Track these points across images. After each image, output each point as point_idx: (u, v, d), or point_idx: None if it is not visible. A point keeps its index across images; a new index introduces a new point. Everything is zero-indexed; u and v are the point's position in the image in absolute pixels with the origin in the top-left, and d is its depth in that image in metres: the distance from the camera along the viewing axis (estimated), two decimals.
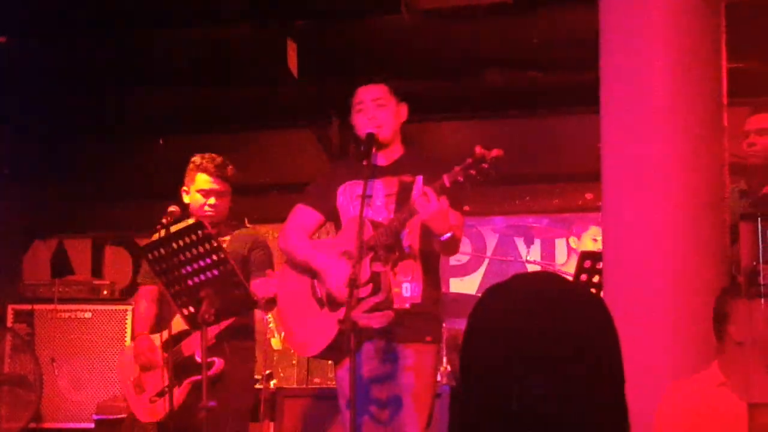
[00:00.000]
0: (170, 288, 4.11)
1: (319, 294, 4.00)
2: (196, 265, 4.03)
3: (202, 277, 4.03)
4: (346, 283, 3.63)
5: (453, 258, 6.99)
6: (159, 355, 4.59)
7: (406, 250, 3.93)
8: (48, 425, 6.68)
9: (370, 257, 3.78)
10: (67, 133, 7.35)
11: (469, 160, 3.60)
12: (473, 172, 3.59)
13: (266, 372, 5.58)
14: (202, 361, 3.96)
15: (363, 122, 4.05)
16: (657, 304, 3.83)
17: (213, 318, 3.98)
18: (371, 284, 3.74)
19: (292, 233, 4.13)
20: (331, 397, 4.43)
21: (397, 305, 3.83)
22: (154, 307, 4.79)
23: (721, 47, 4.00)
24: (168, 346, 4.47)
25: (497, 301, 1.44)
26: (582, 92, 4.45)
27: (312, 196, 4.18)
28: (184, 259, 4.04)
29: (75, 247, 8.01)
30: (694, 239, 3.86)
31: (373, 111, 4.03)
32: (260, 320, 5.15)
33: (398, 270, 3.91)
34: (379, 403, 3.93)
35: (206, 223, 4.61)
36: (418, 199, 3.70)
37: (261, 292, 4.17)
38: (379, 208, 3.97)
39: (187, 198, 4.71)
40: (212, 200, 4.65)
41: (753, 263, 3.22)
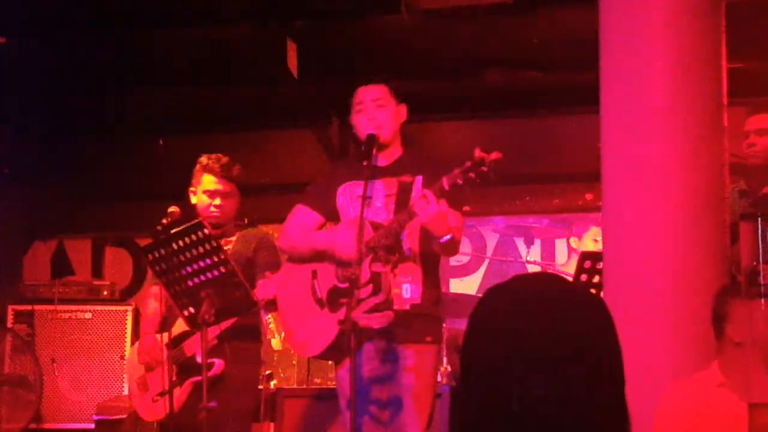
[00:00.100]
0: (170, 288, 4.11)
1: (319, 294, 4.00)
2: (196, 266, 4.03)
3: (203, 277, 4.03)
4: (354, 242, 3.63)
5: (453, 258, 6.98)
6: (163, 354, 4.59)
7: (406, 252, 3.93)
8: (48, 426, 6.68)
9: (370, 258, 3.78)
10: (67, 133, 7.35)
11: (468, 163, 3.60)
12: (472, 175, 3.58)
13: (266, 372, 5.58)
14: (203, 362, 3.96)
15: (363, 123, 4.05)
16: (657, 304, 3.83)
17: (213, 318, 3.98)
18: (371, 285, 3.74)
19: (292, 232, 4.13)
20: (331, 398, 4.43)
21: (397, 306, 3.83)
22: (163, 307, 4.79)
23: (721, 47, 4.00)
24: (171, 346, 4.48)
25: (498, 302, 1.44)
26: (582, 92, 4.45)
27: (312, 197, 4.17)
28: (184, 259, 4.04)
29: (75, 247, 8.01)
30: (694, 239, 3.86)
31: (373, 111, 4.03)
32: (260, 321, 5.14)
33: (398, 271, 3.90)
34: (380, 404, 3.93)
35: (212, 223, 4.64)
36: (417, 202, 3.70)
37: (260, 294, 4.17)
38: (378, 209, 3.97)
39: (194, 198, 4.71)
40: (217, 201, 4.64)
41: (753, 263, 3.22)
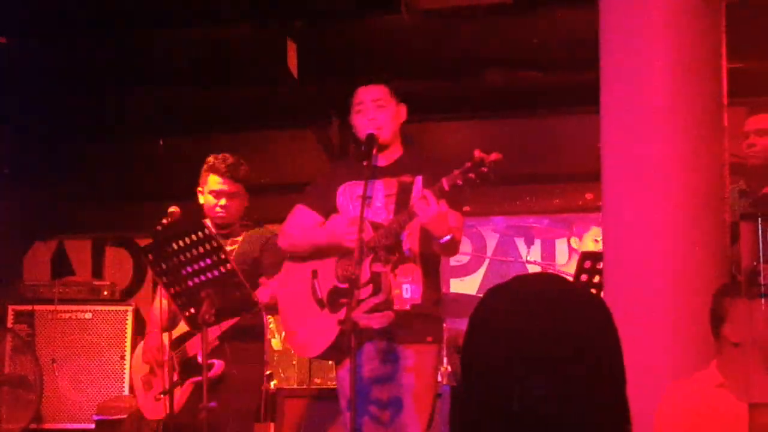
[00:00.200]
0: (170, 288, 4.11)
1: (319, 295, 4.00)
2: (196, 266, 4.03)
3: (203, 277, 4.03)
4: (351, 223, 3.63)
5: (453, 258, 6.99)
6: (166, 353, 4.58)
7: (407, 252, 3.93)
8: (48, 426, 6.68)
9: (370, 258, 3.78)
10: (67, 133, 7.35)
11: (468, 164, 3.60)
12: (472, 176, 3.58)
13: (267, 372, 5.58)
14: (203, 362, 3.96)
15: (363, 123, 4.05)
16: (657, 304, 3.83)
17: (213, 319, 3.98)
18: (371, 285, 3.74)
19: (292, 231, 4.12)
20: (331, 398, 4.43)
21: (397, 306, 3.83)
22: (172, 305, 4.79)
23: (721, 47, 4.00)
24: (173, 345, 4.48)
25: (498, 302, 1.44)
26: (582, 92, 4.45)
27: (311, 197, 4.17)
28: (184, 259, 4.04)
29: (75, 247, 8.01)
30: (694, 239, 3.85)
31: (373, 112, 4.03)
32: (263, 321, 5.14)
33: (398, 271, 3.90)
34: (380, 404, 3.93)
35: (218, 223, 4.63)
36: (417, 203, 3.70)
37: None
38: (378, 209, 3.97)
39: (201, 198, 4.71)
40: (223, 201, 4.63)
41: (753, 263, 3.22)
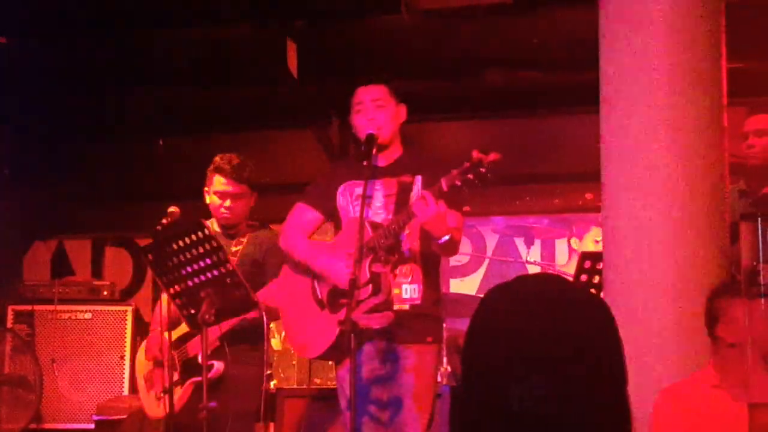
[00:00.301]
0: (170, 288, 4.11)
1: (319, 295, 4.00)
2: (196, 266, 4.03)
3: (202, 277, 4.03)
4: (349, 274, 3.63)
5: (453, 258, 6.98)
6: (167, 352, 4.58)
7: (406, 252, 3.93)
8: (48, 426, 6.68)
9: (370, 259, 3.78)
10: (67, 133, 7.34)
11: (467, 165, 3.60)
12: (471, 176, 3.59)
13: (266, 372, 5.57)
14: (203, 362, 3.96)
15: (362, 123, 4.05)
16: (657, 304, 3.83)
17: (213, 318, 3.98)
18: (371, 285, 3.74)
19: (292, 233, 4.13)
20: (331, 398, 4.43)
21: (397, 306, 3.84)
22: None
23: (721, 47, 4.00)
24: (174, 345, 4.48)
25: (499, 302, 1.44)
26: (582, 92, 4.45)
27: (312, 196, 4.18)
28: (184, 259, 4.04)
29: (75, 247, 8.00)
30: (694, 239, 3.85)
31: (373, 112, 4.03)
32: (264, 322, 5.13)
33: (398, 271, 3.91)
34: (380, 404, 3.93)
35: (223, 224, 4.63)
36: (415, 203, 3.70)
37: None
38: (378, 209, 3.97)
39: (207, 198, 4.71)
40: (228, 203, 4.63)
41: (753, 263, 3.22)
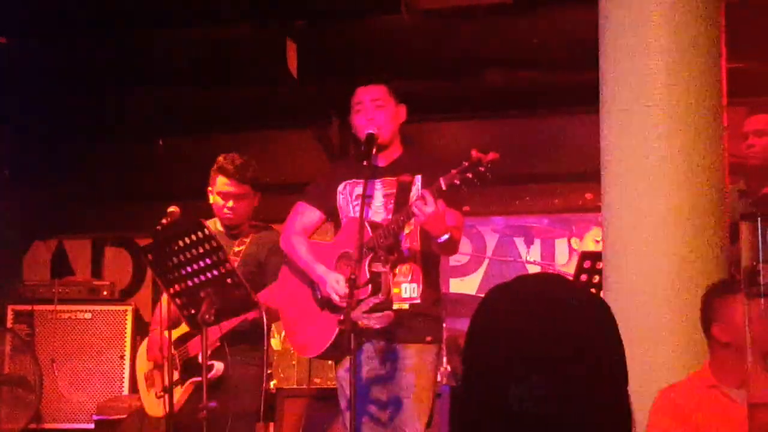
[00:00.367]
0: (170, 288, 4.11)
1: (319, 295, 4.01)
2: (195, 266, 4.03)
3: (202, 277, 4.03)
4: (344, 294, 3.64)
5: (453, 258, 6.98)
6: (169, 351, 4.57)
7: (405, 251, 3.93)
8: (48, 426, 6.68)
9: (369, 258, 3.78)
10: (67, 133, 7.34)
11: (466, 164, 3.61)
12: (470, 176, 3.59)
13: (266, 372, 5.57)
14: (203, 362, 3.96)
15: (362, 123, 4.05)
16: (657, 303, 3.83)
17: (213, 318, 3.98)
18: (371, 285, 3.74)
19: (292, 235, 4.13)
20: (331, 398, 4.43)
21: (396, 305, 3.84)
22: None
23: (720, 47, 4.00)
24: (175, 344, 4.48)
25: (499, 302, 1.44)
26: (582, 92, 4.44)
27: (312, 195, 4.18)
28: (183, 259, 4.03)
29: (75, 247, 8.00)
30: (693, 239, 3.85)
31: (372, 112, 4.03)
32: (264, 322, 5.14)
33: (397, 271, 3.91)
34: (380, 404, 3.93)
35: (226, 225, 4.63)
36: (415, 202, 3.70)
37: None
38: (378, 209, 3.97)
39: (211, 198, 4.70)
40: (230, 203, 4.61)
41: (753, 263, 3.22)
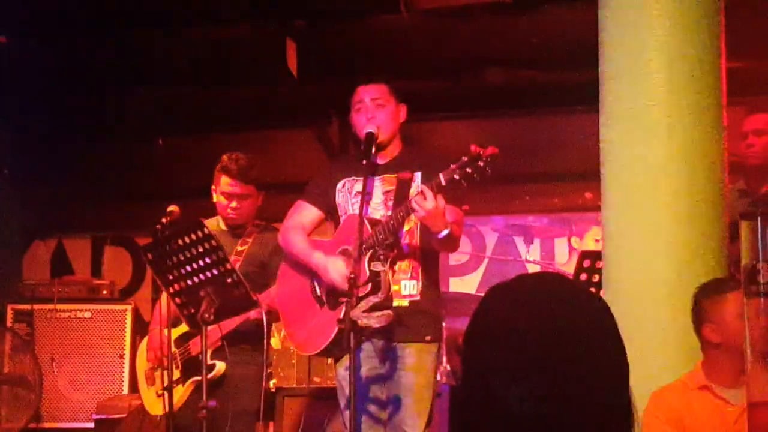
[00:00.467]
0: (170, 287, 4.11)
1: (318, 292, 4.01)
2: (195, 265, 4.03)
3: (202, 276, 4.03)
4: (347, 274, 3.64)
5: (453, 257, 6.99)
6: (169, 351, 4.57)
7: (405, 248, 3.94)
8: (47, 425, 6.68)
9: (368, 257, 3.78)
10: (67, 133, 7.34)
11: (465, 159, 3.61)
12: (469, 170, 3.60)
13: (266, 372, 5.57)
14: (203, 362, 3.96)
15: (362, 122, 4.05)
16: (656, 302, 3.83)
17: (213, 318, 3.98)
18: (370, 284, 3.74)
19: (291, 231, 4.13)
20: (330, 397, 4.44)
21: (396, 302, 3.84)
22: None
23: (720, 46, 4.00)
24: (177, 343, 4.48)
25: (499, 301, 1.44)
26: (582, 91, 4.44)
27: (311, 193, 4.18)
28: (183, 258, 4.04)
29: (74, 246, 8.01)
30: (693, 238, 3.85)
31: (373, 111, 4.03)
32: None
33: (397, 267, 3.91)
34: (379, 403, 3.94)
35: (230, 224, 4.63)
36: (414, 198, 3.70)
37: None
38: (377, 206, 3.97)
39: (214, 197, 4.71)
40: (234, 204, 4.63)
41: (753, 262, 3.22)
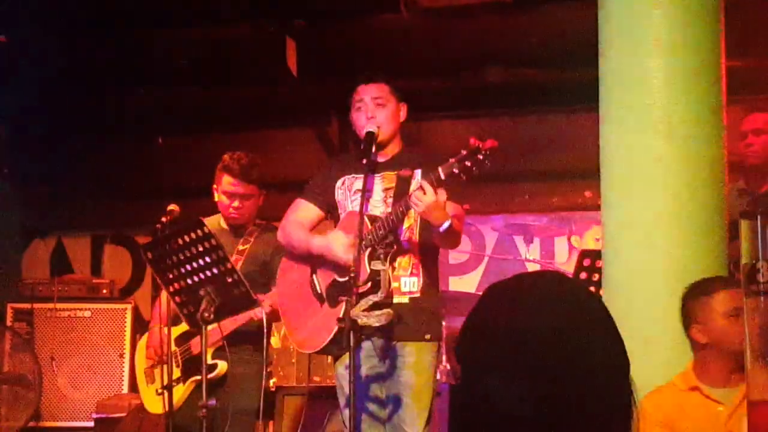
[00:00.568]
0: (169, 287, 4.11)
1: (319, 290, 4.01)
2: (195, 264, 4.03)
3: (201, 275, 4.03)
4: (349, 242, 3.64)
5: (452, 256, 6.99)
6: (169, 349, 4.57)
7: (405, 245, 3.94)
8: (47, 424, 6.69)
9: (368, 255, 3.78)
10: (67, 133, 7.35)
11: (464, 152, 3.61)
12: (468, 164, 3.60)
13: (266, 371, 5.57)
14: (203, 361, 3.96)
15: (362, 121, 4.05)
16: (656, 301, 3.83)
17: (212, 317, 3.98)
18: (370, 283, 3.74)
19: (290, 227, 4.13)
20: (330, 396, 4.44)
21: (396, 299, 3.84)
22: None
23: (720, 45, 4.00)
24: (178, 342, 4.49)
25: (497, 301, 1.44)
26: (581, 90, 4.45)
27: (311, 192, 4.18)
28: (183, 257, 4.04)
29: (74, 245, 8.01)
30: (693, 238, 3.86)
31: (373, 110, 4.03)
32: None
33: (397, 264, 3.91)
34: (379, 402, 3.94)
35: (231, 224, 4.64)
36: (414, 193, 3.70)
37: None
38: (377, 203, 3.98)
39: (216, 197, 4.71)
40: (236, 203, 4.63)
41: (752, 261, 3.22)
